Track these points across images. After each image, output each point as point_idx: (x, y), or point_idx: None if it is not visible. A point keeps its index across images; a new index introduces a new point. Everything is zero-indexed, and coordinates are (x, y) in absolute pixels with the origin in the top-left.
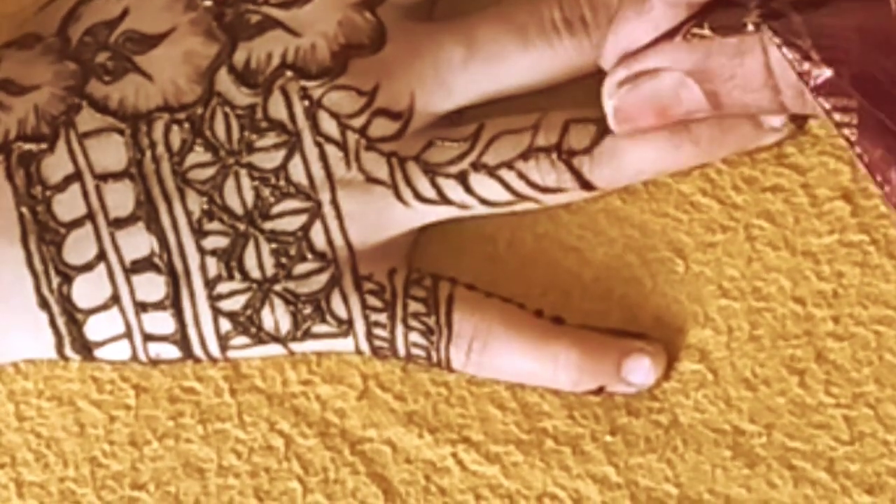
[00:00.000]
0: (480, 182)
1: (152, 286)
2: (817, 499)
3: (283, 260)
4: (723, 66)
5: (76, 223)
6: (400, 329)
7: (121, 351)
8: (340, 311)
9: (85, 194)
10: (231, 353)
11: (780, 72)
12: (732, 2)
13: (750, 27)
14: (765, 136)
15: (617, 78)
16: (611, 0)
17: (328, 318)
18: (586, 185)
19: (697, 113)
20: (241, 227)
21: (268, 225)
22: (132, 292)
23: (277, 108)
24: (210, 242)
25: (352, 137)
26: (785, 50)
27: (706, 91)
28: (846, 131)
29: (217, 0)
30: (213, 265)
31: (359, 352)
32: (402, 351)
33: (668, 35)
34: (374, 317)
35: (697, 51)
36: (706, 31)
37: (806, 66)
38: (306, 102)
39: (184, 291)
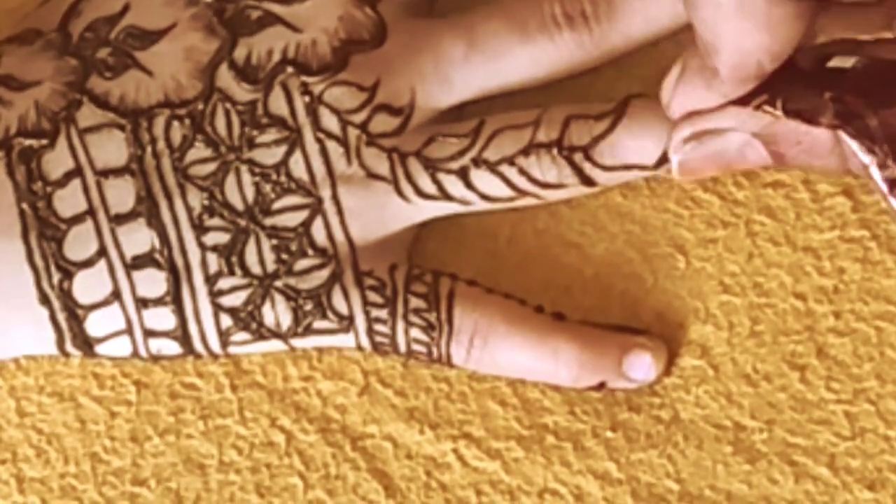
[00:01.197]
0: (481, 178)
1: (153, 282)
2: (818, 494)
3: (284, 256)
4: (790, 132)
5: (77, 219)
6: (401, 325)
7: (121, 347)
8: (341, 306)
9: (85, 190)
10: (232, 349)
11: (847, 142)
12: (805, 75)
13: (824, 125)
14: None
15: (682, 134)
16: None
17: (329, 313)
18: (587, 180)
19: (761, 166)
20: (242, 222)
21: (268, 221)
22: (133, 288)
23: (278, 104)
24: (211, 238)
25: (353, 133)
26: (861, 154)
27: (771, 151)
28: None
29: None
30: (213, 261)
31: (360, 348)
32: (402, 347)
33: (738, 102)
34: (374, 313)
35: (765, 117)
36: (778, 112)
37: (885, 172)
38: (307, 98)
39: (184, 287)
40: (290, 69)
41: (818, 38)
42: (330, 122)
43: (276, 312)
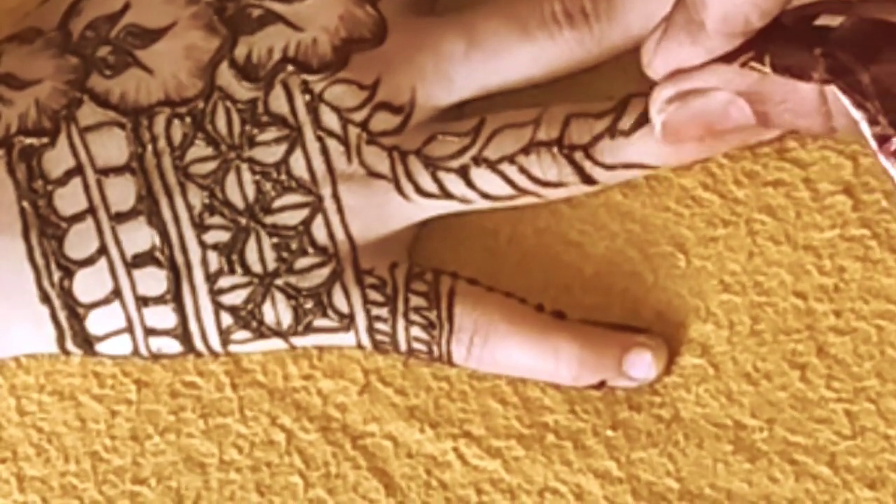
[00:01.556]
0: (482, 176)
1: (153, 280)
2: (818, 493)
3: (285, 254)
4: (776, 90)
5: (77, 217)
6: (401, 323)
7: (122, 345)
8: (342, 305)
9: (86, 188)
10: (232, 348)
11: (833, 99)
12: (791, 33)
13: (815, 80)
14: (766, 130)
15: (665, 94)
16: None
17: (329, 312)
18: (587, 179)
19: (744, 128)
20: (243, 221)
21: (269, 219)
22: (133, 286)
23: (279, 103)
24: (211, 237)
25: (353, 131)
26: (852, 110)
27: (756, 111)
28: None
29: None
30: (214, 259)
31: (360, 346)
32: (403, 345)
33: (723, 59)
34: (375, 311)
35: (751, 75)
36: (766, 69)
37: (875, 129)
38: (307, 97)
39: (185, 286)
40: (290, 67)
41: None
42: (330, 120)
43: (277, 311)
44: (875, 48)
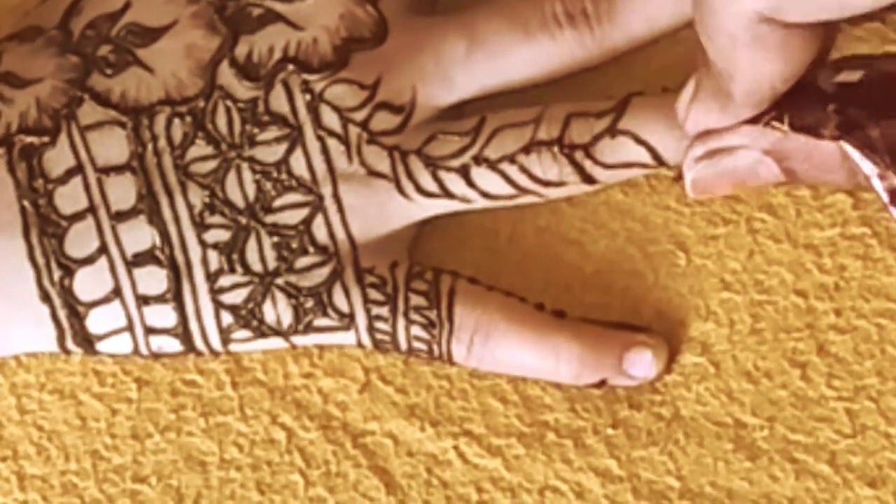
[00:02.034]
0: (482, 176)
1: (154, 279)
2: (819, 492)
3: (285, 253)
4: (799, 148)
5: (78, 216)
6: (401, 322)
7: (122, 344)
8: (342, 304)
9: (87, 187)
10: (233, 347)
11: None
12: (811, 90)
13: (827, 137)
14: None
15: (695, 154)
16: None
17: (330, 311)
18: (588, 178)
19: (774, 183)
20: (243, 220)
21: (269, 218)
22: (134, 285)
23: (279, 102)
24: (212, 236)
25: (353, 131)
26: (862, 165)
27: (783, 168)
28: None
29: None
30: (214, 258)
31: (360, 345)
32: (403, 344)
33: (749, 120)
34: (375, 310)
35: (774, 134)
36: (784, 127)
37: (885, 183)
38: (308, 96)
39: (185, 285)
40: (291, 67)
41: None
42: (331, 119)
43: (277, 310)
44: (887, 102)
